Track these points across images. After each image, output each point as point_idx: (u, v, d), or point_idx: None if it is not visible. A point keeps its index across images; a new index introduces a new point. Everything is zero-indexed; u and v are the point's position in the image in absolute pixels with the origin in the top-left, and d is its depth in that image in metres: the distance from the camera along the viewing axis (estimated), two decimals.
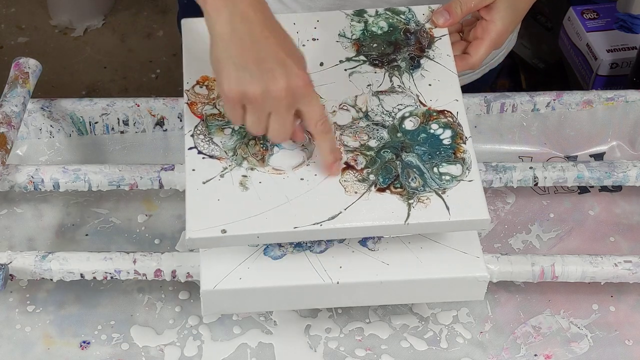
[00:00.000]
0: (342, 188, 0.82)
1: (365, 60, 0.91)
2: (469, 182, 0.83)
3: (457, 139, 0.85)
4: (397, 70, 0.90)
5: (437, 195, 0.82)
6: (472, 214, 0.81)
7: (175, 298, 0.94)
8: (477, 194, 0.82)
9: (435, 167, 0.83)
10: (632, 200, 1.05)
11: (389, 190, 0.82)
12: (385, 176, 0.83)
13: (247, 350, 0.90)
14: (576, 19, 1.45)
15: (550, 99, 1.07)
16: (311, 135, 0.83)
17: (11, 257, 0.88)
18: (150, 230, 1.00)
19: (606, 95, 1.08)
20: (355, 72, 0.90)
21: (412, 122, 0.87)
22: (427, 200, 0.81)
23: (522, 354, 0.91)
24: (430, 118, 0.87)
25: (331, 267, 0.84)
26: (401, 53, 0.91)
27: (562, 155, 1.09)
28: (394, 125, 0.86)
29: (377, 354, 0.90)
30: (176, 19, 1.26)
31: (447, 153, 0.84)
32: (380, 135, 0.86)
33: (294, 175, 0.83)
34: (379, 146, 0.85)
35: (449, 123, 0.86)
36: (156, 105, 1.03)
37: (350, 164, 0.83)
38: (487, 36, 0.92)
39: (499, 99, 1.06)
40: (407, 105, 0.88)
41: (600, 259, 0.91)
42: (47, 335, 0.91)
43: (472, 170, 0.83)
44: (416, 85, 0.89)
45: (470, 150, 0.85)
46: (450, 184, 0.82)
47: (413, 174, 0.83)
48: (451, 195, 0.82)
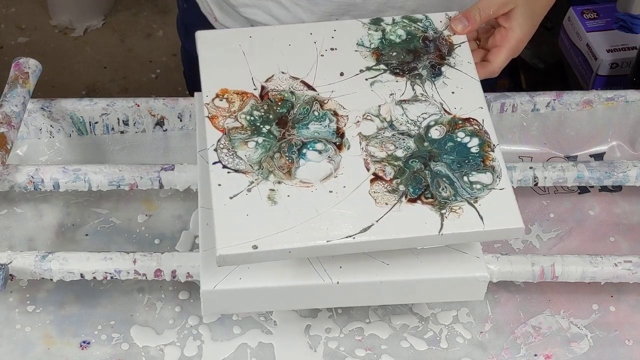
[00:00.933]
0: (373, 199, 0.81)
1: (385, 69, 0.90)
2: (500, 191, 0.82)
3: (484, 146, 0.85)
4: (419, 79, 0.89)
5: (470, 204, 0.81)
6: (506, 222, 0.80)
7: (175, 298, 0.94)
8: (510, 202, 0.81)
9: (465, 176, 0.82)
10: (632, 200, 1.05)
11: (420, 200, 0.81)
12: (415, 186, 0.82)
13: (247, 350, 0.90)
14: (576, 19, 1.45)
15: (550, 99, 1.07)
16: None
17: (11, 257, 0.88)
18: (150, 230, 1.00)
19: (606, 95, 1.08)
20: (377, 81, 0.89)
21: (438, 130, 0.86)
22: (460, 210, 0.80)
23: (522, 354, 0.91)
24: (456, 126, 0.86)
25: (331, 267, 0.84)
26: (421, 61, 0.90)
27: (562, 155, 1.10)
28: (420, 134, 0.85)
29: (377, 354, 0.90)
30: (176, 20, 1.26)
31: (476, 161, 0.83)
32: (407, 144, 0.85)
33: (322, 187, 0.81)
34: (406, 156, 0.84)
35: (476, 131, 0.86)
36: (156, 105, 1.03)
37: (379, 174, 0.82)
38: (506, 43, 0.92)
39: (499, 99, 1.06)
40: (431, 113, 0.87)
41: (600, 259, 0.91)
42: (47, 335, 0.91)
43: (502, 179, 0.82)
44: (439, 93, 0.88)
45: (499, 158, 0.84)
46: (481, 193, 0.81)
47: (443, 184, 0.82)
48: (483, 204, 0.81)
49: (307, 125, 0.85)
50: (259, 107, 0.86)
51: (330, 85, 0.88)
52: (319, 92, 0.88)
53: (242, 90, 0.88)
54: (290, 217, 0.79)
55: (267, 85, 0.88)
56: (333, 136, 0.85)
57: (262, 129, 0.85)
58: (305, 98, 0.87)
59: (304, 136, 0.84)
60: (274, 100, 0.87)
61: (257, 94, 0.87)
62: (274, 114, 0.86)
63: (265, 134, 0.84)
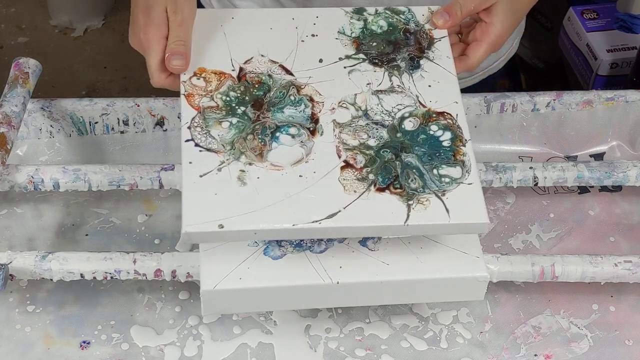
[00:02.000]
0: (342, 186, 0.81)
1: (364, 58, 0.91)
2: (468, 185, 0.82)
3: (456, 141, 0.85)
4: (397, 70, 0.90)
5: (437, 197, 0.81)
6: (471, 217, 0.81)
7: (175, 298, 0.94)
8: (477, 197, 0.82)
9: (435, 169, 0.83)
10: (632, 200, 1.05)
11: (389, 190, 0.81)
12: (385, 176, 0.82)
13: (247, 350, 0.90)
14: (576, 19, 1.45)
15: (550, 99, 1.07)
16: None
17: (11, 257, 0.88)
18: (150, 230, 1.00)
19: (606, 95, 1.08)
20: (355, 70, 0.90)
21: (411, 122, 0.86)
22: (427, 202, 0.81)
23: (522, 354, 0.91)
24: (429, 119, 0.87)
25: (331, 267, 0.84)
26: (401, 53, 0.91)
27: (562, 155, 1.09)
28: (394, 125, 0.86)
29: (377, 354, 0.90)
30: None
31: (446, 155, 0.84)
32: (379, 134, 0.85)
33: (293, 171, 0.82)
34: (378, 145, 0.84)
35: (449, 125, 0.86)
36: (156, 105, 1.03)
37: (350, 162, 0.83)
38: (486, 38, 0.92)
39: (499, 99, 1.06)
40: (406, 105, 0.88)
41: (600, 259, 0.91)
42: (47, 335, 0.91)
43: (471, 173, 0.83)
44: (416, 85, 0.89)
45: (470, 153, 0.84)
46: (450, 187, 0.82)
47: (413, 175, 0.82)
48: (451, 198, 0.81)
49: (282, 109, 0.86)
50: (235, 88, 0.87)
51: (308, 71, 0.88)
52: (296, 77, 0.88)
53: (220, 71, 0.88)
54: (258, 199, 0.80)
55: (245, 67, 0.89)
56: (307, 121, 0.85)
57: (237, 110, 0.85)
58: (283, 82, 0.88)
59: (279, 120, 0.85)
60: (251, 82, 0.87)
61: (235, 75, 0.88)
62: (250, 96, 0.86)
63: (240, 115, 0.85)
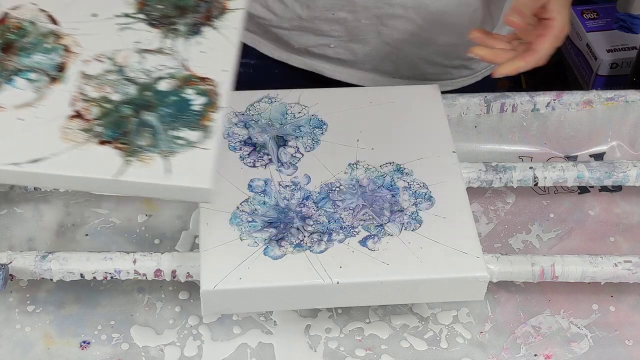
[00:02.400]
0: (60, 134, 0.78)
1: (144, 19, 0.88)
2: (203, 150, 0.78)
3: (209, 106, 0.82)
4: (173, 33, 0.87)
5: (163, 157, 0.78)
6: (192, 180, 0.77)
7: (175, 298, 0.94)
8: (207, 163, 0.77)
9: (174, 130, 0.80)
10: (632, 200, 1.05)
11: (113, 144, 0.78)
12: (115, 130, 0.79)
13: (247, 350, 0.90)
14: (576, 19, 1.45)
15: (550, 99, 1.07)
16: None
17: (11, 257, 0.88)
18: (150, 230, 1.00)
19: (606, 95, 1.08)
20: (128, 28, 0.87)
21: (168, 83, 0.83)
22: (150, 160, 0.78)
23: (522, 354, 0.91)
24: (189, 83, 0.83)
25: (331, 267, 0.84)
26: (185, 18, 0.88)
27: (562, 155, 1.09)
28: (146, 83, 0.83)
29: (377, 354, 0.90)
30: None
31: (193, 119, 0.81)
32: (126, 90, 0.82)
33: (14, 113, 0.79)
34: (120, 100, 0.82)
35: (207, 90, 0.83)
36: None
37: (81, 113, 0.80)
38: (550, 32, 0.92)
39: (499, 99, 1.06)
40: (169, 67, 0.85)
41: (600, 259, 0.91)
42: (47, 335, 0.91)
43: (212, 140, 0.79)
44: (188, 50, 0.86)
45: (219, 121, 0.81)
46: (181, 149, 0.78)
47: (146, 133, 0.79)
48: (179, 159, 0.77)
49: (31, 54, 0.84)
50: None
51: (77, 24, 0.86)
52: (62, 27, 0.86)
53: None
54: None
55: (10, 12, 0.87)
56: (53, 69, 0.84)
57: None
58: (43, 30, 0.86)
59: (22, 64, 0.83)
60: (9, 26, 0.86)
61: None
62: (3, 39, 0.85)
63: None
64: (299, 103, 0.98)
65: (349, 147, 0.94)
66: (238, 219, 0.87)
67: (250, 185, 0.90)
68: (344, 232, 0.86)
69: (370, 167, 0.92)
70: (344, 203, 0.89)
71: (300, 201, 0.89)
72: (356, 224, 0.87)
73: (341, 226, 0.87)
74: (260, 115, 0.96)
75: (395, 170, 0.92)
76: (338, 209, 0.88)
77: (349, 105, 0.98)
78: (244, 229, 0.86)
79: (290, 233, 0.86)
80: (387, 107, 0.98)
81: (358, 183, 0.91)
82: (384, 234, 0.86)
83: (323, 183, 0.90)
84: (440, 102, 0.99)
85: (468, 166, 0.98)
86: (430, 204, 0.89)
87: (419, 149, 0.94)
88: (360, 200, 0.89)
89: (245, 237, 0.85)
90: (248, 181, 0.90)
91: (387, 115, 0.97)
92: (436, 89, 1.01)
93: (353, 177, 0.91)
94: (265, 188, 0.90)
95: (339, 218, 0.88)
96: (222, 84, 0.84)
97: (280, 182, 0.90)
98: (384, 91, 1.01)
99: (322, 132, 0.95)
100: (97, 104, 0.81)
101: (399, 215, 0.88)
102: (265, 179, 0.90)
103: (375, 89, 1.04)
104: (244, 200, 0.88)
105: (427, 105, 0.99)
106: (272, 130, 0.95)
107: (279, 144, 0.94)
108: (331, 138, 0.95)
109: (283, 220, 0.87)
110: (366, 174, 0.92)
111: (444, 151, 0.94)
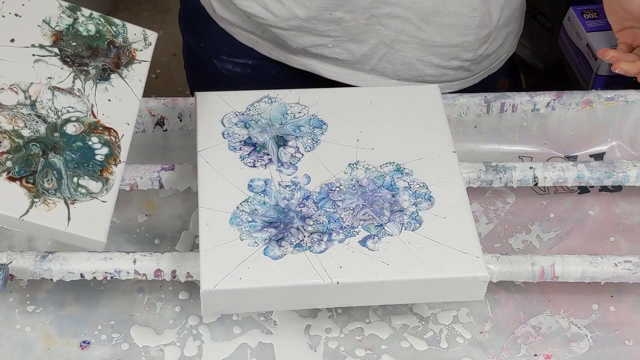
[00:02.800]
0: None
1: (57, 54, 0.89)
2: (102, 202, 0.83)
3: (110, 159, 0.85)
4: (84, 75, 0.89)
5: (65, 203, 0.81)
6: (90, 232, 0.81)
7: (175, 298, 0.94)
8: (104, 216, 0.82)
9: (77, 177, 0.83)
10: (632, 200, 1.05)
11: (20, 182, 0.81)
12: (23, 167, 0.82)
13: (247, 350, 0.90)
14: (576, 19, 1.45)
15: (550, 99, 1.07)
16: None
17: (11, 257, 0.88)
18: (150, 230, 1.00)
19: (606, 95, 1.08)
20: (42, 61, 0.88)
21: (74, 127, 0.86)
22: (53, 204, 0.81)
23: (522, 354, 0.91)
24: (94, 130, 0.86)
25: (331, 267, 0.84)
26: (96, 61, 0.90)
27: (562, 155, 1.09)
28: (56, 123, 0.85)
29: (377, 354, 0.90)
30: (177, 18, 1.27)
31: (94, 168, 0.84)
32: (37, 128, 0.84)
33: None
34: (30, 137, 0.84)
35: (110, 142, 0.86)
36: (156, 105, 1.03)
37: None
38: None
39: (499, 99, 1.06)
40: (77, 110, 0.87)
41: (600, 259, 0.91)
42: (47, 335, 0.91)
43: (110, 194, 0.83)
44: (96, 95, 0.88)
45: (118, 174, 0.85)
46: (83, 198, 0.82)
47: (51, 175, 0.82)
48: (79, 209, 0.81)
49: None
50: None
51: None
52: None
53: None
54: None
55: None
56: None
57: None
58: None
59: None
60: None
61: None
62: None
63: None
64: (299, 103, 0.98)
65: (349, 147, 0.94)
66: (238, 219, 0.87)
67: (250, 185, 0.90)
68: (344, 232, 0.87)
69: (370, 167, 0.92)
70: (344, 203, 0.89)
71: (300, 201, 0.89)
72: (356, 224, 0.87)
73: (341, 226, 0.87)
74: (260, 115, 0.96)
75: (395, 170, 0.92)
76: (338, 209, 0.88)
77: (349, 105, 0.98)
78: (244, 229, 0.86)
79: (290, 233, 0.86)
80: (387, 107, 0.98)
81: (358, 183, 0.91)
82: (384, 234, 0.86)
83: (323, 183, 0.90)
84: (440, 102, 0.99)
85: (468, 166, 0.98)
86: (430, 204, 0.89)
87: (419, 149, 0.94)
88: (360, 200, 0.89)
89: (245, 237, 0.85)
90: (248, 181, 0.90)
91: (387, 115, 0.97)
92: (436, 89, 1.01)
93: (353, 177, 0.91)
94: (265, 188, 0.90)
95: (339, 218, 0.88)
96: (124, 137, 0.87)
97: (280, 182, 0.90)
98: (384, 91, 1.01)
99: (322, 132, 0.95)
100: (8, 137, 0.83)
101: (399, 215, 0.88)
102: (265, 179, 0.90)
103: (375, 89, 1.04)
104: (244, 200, 0.88)
105: (427, 105, 0.99)
106: (272, 130, 0.95)
107: (279, 144, 0.94)
108: (331, 138, 0.95)
109: (283, 220, 0.87)
110: (366, 174, 0.92)
111: (444, 151, 0.94)
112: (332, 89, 1.01)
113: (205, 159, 0.91)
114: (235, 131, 0.95)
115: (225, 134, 0.94)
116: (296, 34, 1.08)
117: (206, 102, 0.97)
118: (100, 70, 0.90)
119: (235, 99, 0.98)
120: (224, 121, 0.95)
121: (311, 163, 0.92)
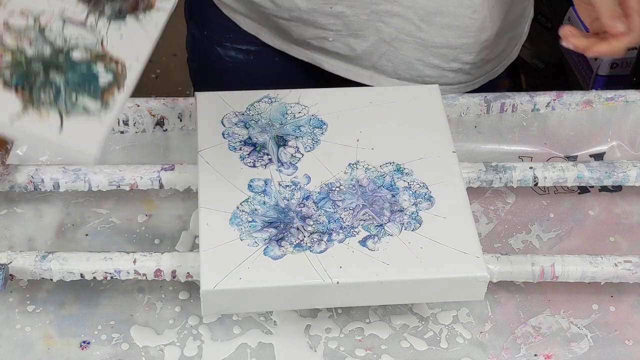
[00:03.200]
0: None
1: None
2: (98, 120, 0.78)
3: (113, 85, 0.82)
4: (98, 12, 0.87)
5: (59, 115, 0.78)
6: (80, 144, 0.77)
7: (175, 298, 0.94)
8: (98, 132, 0.78)
9: (75, 94, 0.80)
10: (632, 200, 1.05)
11: (16, 90, 0.79)
12: (20, 78, 0.80)
13: (247, 350, 0.90)
14: (576, 19, 1.45)
15: (550, 99, 1.07)
16: None
17: (11, 257, 0.88)
18: (150, 230, 1.00)
19: (606, 95, 1.08)
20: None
21: (79, 54, 0.83)
22: (47, 114, 0.78)
23: (522, 354, 0.91)
24: (101, 59, 0.83)
25: (331, 267, 0.84)
26: (114, 3, 0.88)
27: (562, 155, 1.09)
28: (61, 48, 0.83)
29: (377, 354, 0.91)
30: (177, 18, 1.27)
31: (96, 90, 0.81)
32: (43, 49, 0.83)
33: None
34: (34, 56, 0.82)
35: (116, 71, 0.83)
36: (156, 105, 1.03)
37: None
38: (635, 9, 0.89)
39: (499, 99, 1.06)
40: (87, 40, 0.84)
41: (600, 259, 0.91)
42: (47, 335, 0.91)
43: (108, 114, 0.79)
44: (108, 31, 0.86)
45: (119, 103, 0.81)
46: (78, 112, 0.79)
47: (49, 90, 0.80)
48: (73, 121, 0.78)
49: None
50: None
51: None
52: None
53: None
54: None
55: None
56: None
57: None
58: None
59: None
60: None
61: None
62: None
63: None
64: (299, 103, 0.98)
65: (349, 147, 0.94)
66: (238, 219, 0.87)
67: (250, 185, 0.90)
68: (344, 232, 0.87)
69: (370, 167, 0.92)
70: (344, 203, 0.89)
71: (300, 201, 0.89)
72: (356, 224, 0.87)
73: (341, 226, 0.87)
74: (260, 115, 0.96)
75: (395, 170, 0.92)
76: (338, 209, 0.88)
77: (349, 105, 0.98)
78: (244, 229, 0.86)
79: (290, 233, 0.86)
80: (387, 107, 0.98)
81: (358, 183, 0.91)
82: (384, 234, 0.86)
83: (323, 183, 0.90)
84: (440, 102, 0.99)
85: (468, 166, 0.98)
86: (430, 204, 0.89)
87: (419, 149, 0.94)
88: (360, 200, 0.89)
89: (245, 237, 0.85)
90: (248, 181, 0.90)
91: (387, 115, 0.97)
92: (436, 89, 1.01)
93: (353, 177, 0.91)
94: (265, 188, 0.90)
95: (339, 218, 0.88)
96: (131, 70, 0.83)
97: (280, 182, 0.90)
98: (384, 91, 1.01)
99: (322, 132, 0.95)
100: (11, 52, 0.81)
101: (399, 215, 0.88)
102: (265, 179, 0.90)
103: (375, 89, 1.04)
104: (244, 200, 0.88)
105: (427, 105, 0.99)
106: (272, 130, 0.95)
107: (279, 144, 0.94)
108: (331, 138, 0.95)
109: (283, 220, 0.87)
110: (366, 174, 0.92)
111: (444, 151, 0.94)
112: (332, 89, 1.01)
113: (206, 159, 0.91)
114: (235, 131, 0.95)
115: (225, 134, 0.94)
116: (297, 24, 1.08)
117: (206, 102, 0.97)
118: (116, 11, 0.87)
119: (235, 99, 0.98)
120: (224, 121, 0.95)
121: (311, 163, 0.92)
